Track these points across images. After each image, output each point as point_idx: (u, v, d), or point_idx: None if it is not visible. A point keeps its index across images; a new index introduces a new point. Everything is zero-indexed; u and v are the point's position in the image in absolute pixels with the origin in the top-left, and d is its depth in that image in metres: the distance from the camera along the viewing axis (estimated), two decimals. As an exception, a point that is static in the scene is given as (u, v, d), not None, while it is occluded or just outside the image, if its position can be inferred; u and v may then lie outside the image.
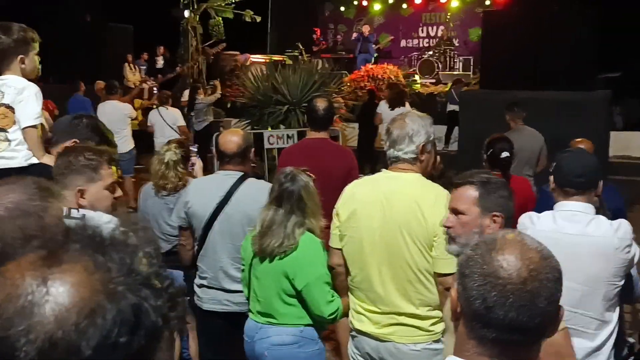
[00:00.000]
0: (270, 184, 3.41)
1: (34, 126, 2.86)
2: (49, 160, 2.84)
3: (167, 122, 10.36)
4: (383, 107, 11.47)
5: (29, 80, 2.98)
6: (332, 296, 3.14)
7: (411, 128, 2.90)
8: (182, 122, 10.56)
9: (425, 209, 2.80)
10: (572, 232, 2.84)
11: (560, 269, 1.39)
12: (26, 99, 2.86)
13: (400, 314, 2.91)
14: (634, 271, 2.97)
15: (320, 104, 4.59)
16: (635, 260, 2.91)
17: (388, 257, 2.88)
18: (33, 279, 0.74)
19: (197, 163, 4.98)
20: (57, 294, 0.73)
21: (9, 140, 2.87)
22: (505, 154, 4.63)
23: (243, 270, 3.40)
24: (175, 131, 10.19)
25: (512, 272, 1.33)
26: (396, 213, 2.85)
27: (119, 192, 2.54)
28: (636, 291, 3.01)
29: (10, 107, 2.86)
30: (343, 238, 3.02)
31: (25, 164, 2.87)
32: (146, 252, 0.82)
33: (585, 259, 2.79)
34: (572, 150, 3.31)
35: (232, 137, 3.74)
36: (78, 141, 2.86)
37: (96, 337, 0.73)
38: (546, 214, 2.97)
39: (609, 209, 4.02)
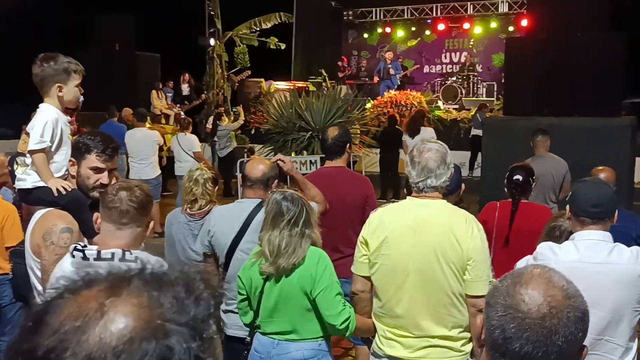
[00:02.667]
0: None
1: (38, 150, 2.95)
2: (52, 184, 2.94)
3: (183, 147, 10.50)
4: (406, 136, 11.60)
5: (68, 109, 3.11)
6: (344, 305, 3.17)
7: (442, 157, 2.99)
8: (198, 149, 10.64)
9: (459, 234, 2.89)
10: (597, 260, 2.87)
11: (585, 309, 1.41)
12: (36, 125, 2.99)
13: (433, 337, 2.97)
14: None
15: (331, 133, 4.66)
16: None
17: (422, 282, 2.94)
18: (95, 304, 0.85)
19: None
20: (107, 320, 0.83)
21: (26, 164, 3.02)
22: (516, 177, 4.68)
23: (244, 299, 3.42)
24: (191, 157, 10.32)
25: (532, 307, 1.36)
26: (430, 239, 2.92)
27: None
28: None
29: (27, 133, 2.99)
30: (373, 266, 3.06)
31: (30, 186, 3.00)
32: (200, 296, 0.90)
33: (610, 287, 2.83)
34: (588, 180, 3.34)
35: (259, 165, 3.91)
36: (73, 160, 3.01)
37: None
38: (567, 244, 3.00)
39: (631, 237, 4.01)
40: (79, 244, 2.56)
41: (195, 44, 17.32)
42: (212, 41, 17.25)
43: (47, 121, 2.98)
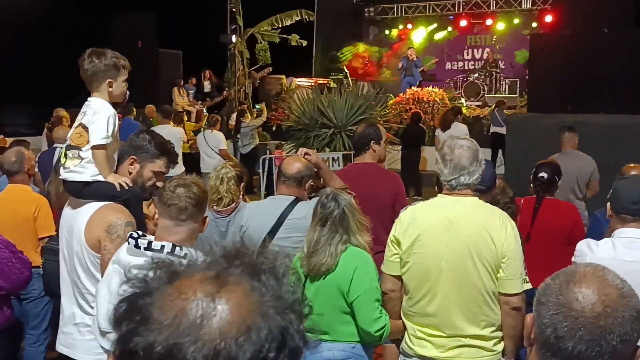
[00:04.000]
0: None
1: (101, 146, 2.98)
2: (113, 179, 2.99)
3: (210, 145, 10.55)
4: (438, 132, 11.57)
5: (115, 104, 3.15)
6: (380, 312, 3.15)
7: (474, 154, 2.97)
8: (224, 146, 10.68)
9: (493, 232, 2.88)
10: (631, 259, 2.85)
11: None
12: (97, 120, 3.00)
13: (465, 336, 2.95)
14: None
15: (359, 129, 4.71)
16: None
17: (456, 281, 2.92)
18: (204, 295, 0.86)
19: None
20: (222, 310, 0.85)
21: (81, 158, 3.03)
22: (541, 174, 4.65)
23: None
24: (217, 154, 10.36)
25: (586, 306, 1.34)
26: (464, 237, 2.90)
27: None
28: None
29: (85, 127, 3.02)
30: (405, 265, 3.04)
31: (90, 179, 3.00)
32: (291, 280, 0.94)
33: None
34: (628, 178, 3.31)
35: (295, 162, 3.92)
36: (136, 158, 3.07)
37: (251, 351, 0.84)
38: (605, 241, 3.00)
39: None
40: (137, 232, 2.62)
41: (217, 41, 17.40)
42: (233, 38, 17.32)
43: (109, 116, 3.02)
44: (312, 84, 16.83)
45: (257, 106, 15.59)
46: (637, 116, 9.08)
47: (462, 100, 17.46)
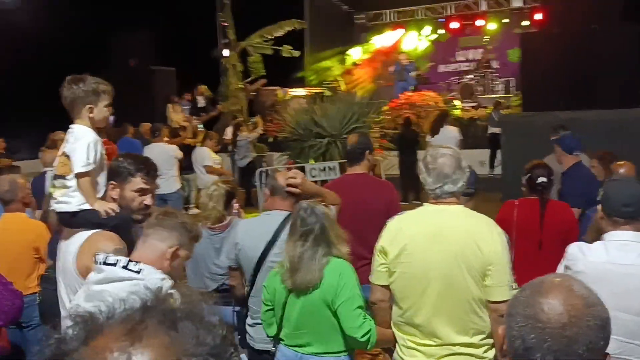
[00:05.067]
0: None
1: (84, 173, 2.96)
2: (99, 206, 2.97)
3: (196, 160, 10.55)
4: (428, 137, 11.58)
5: (99, 129, 3.14)
6: (364, 318, 3.17)
7: (457, 162, 2.96)
8: (208, 162, 10.54)
9: (479, 239, 2.86)
10: (625, 262, 2.81)
11: (606, 317, 1.40)
12: (78, 148, 2.99)
13: (455, 345, 2.93)
14: None
15: (350, 140, 4.70)
16: None
17: (444, 290, 2.90)
18: (120, 353, 0.85)
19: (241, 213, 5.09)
20: None
21: (67, 187, 3.02)
22: (541, 179, 4.63)
23: (269, 309, 3.43)
24: (201, 171, 10.34)
25: (552, 316, 1.35)
26: (451, 245, 2.88)
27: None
28: None
29: (67, 156, 3.01)
30: (392, 274, 3.03)
31: (76, 209, 2.99)
32: (211, 322, 0.92)
33: (639, 289, 2.75)
34: (619, 179, 3.28)
35: (286, 174, 3.93)
36: (114, 183, 3.04)
37: None
38: (597, 244, 2.95)
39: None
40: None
41: (210, 56, 17.44)
42: (225, 52, 17.35)
43: (89, 143, 3.00)
44: (306, 94, 16.85)
45: (252, 119, 15.59)
46: (631, 110, 9.10)
47: (457, 102, 17.47)
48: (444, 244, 2.89)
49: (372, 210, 4.42)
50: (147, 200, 3.04)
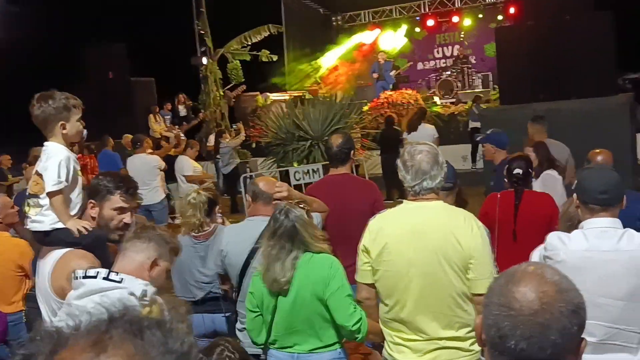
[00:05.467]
0: None
1: (56, 192, 2.95)
2: (72, 224, 2.95)
3: (176, 170, 10.53)
4: (405, 134, 11.64)
5: (73, 143, 3.12)
6: (355, 307, 3.21)
7: (434, 158, 2.99)
8: (188, 172, 10.46)
9: (459, 234, 2.89)
10: (606, 248, 2.83)
11: (579, 302, 1.41)
12: (50, 166, 2.97)
13: (441, 339, 2.96)
14: None
15: (335, 141, 4.66)
16: None
17: (427, 286, 2.93)
18: None
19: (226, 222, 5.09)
20: None
21: (40, 206, 3.00)
22: (517, 171, 4.68)
23: (257, 316, 3.42)
24: (182, 180, 10.32)
25: (524, 304, 1.38)
26: (431, 241, 2.91)
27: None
28: None
29: (40, 174, 3.00)
30: (376, 273, 3.06)
31: (49, 228, 2.98)
32: (180, 329, 0.93)
33: (620, 274, 2.79)
34: (593, 167, 3.31)
35: (269, 181, 3.99)
36: (93, 202, 3.01)
37: None
38: (576, 232, 2.96)
39: (637, 217, 4.00)
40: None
41: (189, 65, 17.42)
42: (204, 60, 17.34)
43: (61, 160, 2.98)
44: (287, 97, 16.88)
45: (234, 126, 15.60)
46: (608, 98, 9.22)
47: (436, 98, 17.58)
48: (424, 240, 2.92)
49: (357, 211, 4.44)
50: (126, 218, 3.00)
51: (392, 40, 21.01)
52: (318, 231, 3.40)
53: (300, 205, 3.42)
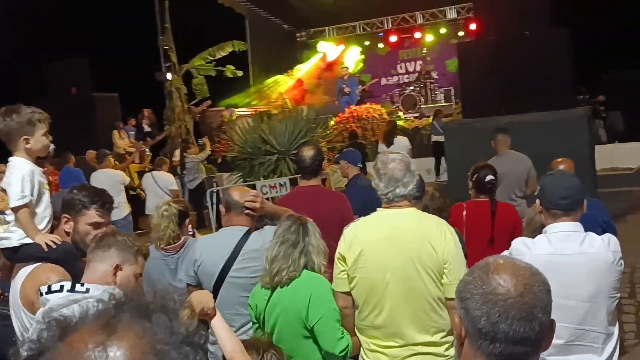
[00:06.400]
0: (271, 229, 3.58)
1: (20, 207, 2.92)
2: (40, 239, 2.92)
3: (160, 185, 10.49)
4: (381, 147, 11.78)
5: (40, 158, 3.10)
6: (342, 333, 3.20)
7: (406, 166, 3.08)
8: (175, 187, 10.67)
9: (433, 239, 2.97)
10: (569, 252, 2.93)
11: (548, 282, 1.54)
12: (13, 181, 2.95)
13: (417, 344, 3.01)
14: None
15: (307, 153, 4.69)
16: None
17: (402, 291, 2.99)
18: (95, 346, 0.88)
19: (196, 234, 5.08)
20: (115, 357, 0.88)
21: (7, 222, 2.99)
22: (489, 177, 4.79)
23: (257, 327, 3.43)
24: (168, 195, 10.31)
25: (510, 288, 1.48)
26: (406, 247, 2.98)
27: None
28: None
29: (4, 190, 2.97)
30: (352, 280, 3.10)
31: (17, 244, 2.96)
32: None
33: (585, 276, 2.89)
34: (554, 174, 3.42)
35: (243, 190, 3.99)
36: (68, 216, 2.99)
37: None
38: (540, 237, 3.06)
39: (597, 222, 4.15)
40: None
41: (153, 80, 17.32)
42: (169, 75, 17.26)
43: (24, 175, 2.95)
44: (252, 112, 16.90)
45: (200, 141, 15.54)
46: (567, 111, 9.47)
47: (400, 113, 17.80)
48: (399, 246, 2.99)
49: (328, 222, 4.48)
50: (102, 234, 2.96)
51: (356, 56, 21.28)
52: (323, 248, 3.38)
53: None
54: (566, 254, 2.92)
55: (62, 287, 2.41)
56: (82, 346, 0.88)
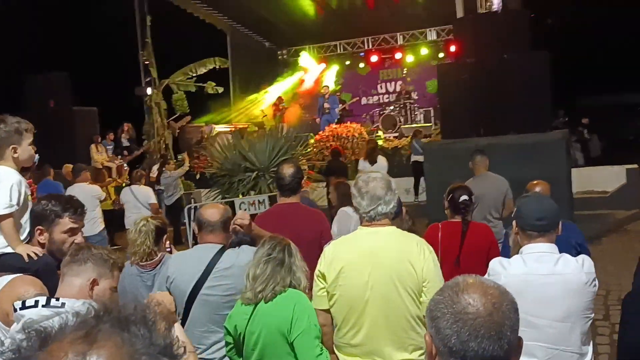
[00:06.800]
0: (250, 249, 3.56)
1: (6, 216, 2.90)
2: (22, 249, 2.90)
3: (140, 200, 10.41)
4: (363, 165, 11.83)
5: (25, 168, 3.07)
6: (321, 350, 3.20)
7: (387, 184, 3.12)
8: (154, 200, 10.62)
9: (412, 258, 2.99)
10: (543, 272, 2.97)
11: (515, 301, 1.56)
12: (2, 190, 2.93)
13: None
14: None
15: (286, 171, 4.69)
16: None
17: (381, 309, 3.00)
18: (76, 355, 0.89)
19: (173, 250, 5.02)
20: None
21: None
22: (463, 198, 4.83)
23: (231, 348, 3.40)
24: (147, 209, 10.23)
25: (479, 307, 1.49)
26: (386, 265, 3.00)
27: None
28: None
29: None
30: (332, 297, 3.11)
31: None
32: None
33: (558, 296, 2.93)
34: (530, 195, 3.47)
35: (214, 208, 3.92)
36: (41, 228, 2.96)
37: None
38: (516, 258, 3.11)
39: (571, 245, 4.19)
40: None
41: (133, 94, 17.26)
42: (148, 90, 17.22)
43: (13, 184, 2.94)
44: (232, 129, 16.89)
45: (179, 156, 15.47)
46: (545, 134, 9.59)
47: (380, 132, 17.90)
48: (380, 264, 3.00)
49: (306, 240, 4.48)
50: (78, 239, 2.97)
51: (337, 75, 21.47)
52: (303, 267, 3.38)
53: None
54: (540, 274, 2.96)
55: (37, 302, 2.39)
56: (62, 355, 0.89)
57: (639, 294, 3.04)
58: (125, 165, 15.33)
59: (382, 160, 12.24)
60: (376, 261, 3.01)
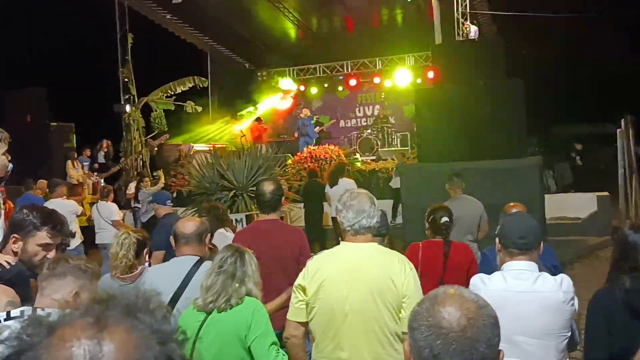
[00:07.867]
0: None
1: None
2: None
3: (102, 216, 10.32)
4: (327, 188, 11.84)
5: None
6: (277, 352, 3.24)
7: (371, 200, 3.21)
8: (117, 217, 10.37)
9: (393, 274, 3.05)
10: (521, 289, 3.03)
11: (495, 315, 1.56)
12: None
13: None
14: (572, 320, 3.18)
15: (267, 188, 4.74)
16: (576, 310, 3.12)
17: (361, 324, 3.04)
18: (88, 339, 0.92)
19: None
20: (109, 350, 0.92)
21: None
22: (444, 219, 4.91)
23: None
24: (110, 224, 10.15)
25: (453, 322, 1.49)
26: (367, 280, 3.05)
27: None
28: (575, 338, 3.22)
29: None
30: (311, 310, 3.15)
31: None
32: (164, 314, 1.03)
33: (535, 313, 2.99)
34: (514, 214, 3.53)
35: (189, 221, 3.99)
36: (17, 236, 2.94)
37: None
38: (496, 274, 3.17)
39: (547, 267, 4.28)
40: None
41: (111, 111, 17.20)
42: (127, 107, 17.18)
43: None
44: (210, 148, 16.89)
45: (154, 173, 15.41)
46: (519, 160, 9.75)
47: (358, 155, 18.04)
48: (361, 278, 3.05)
49: (285, 256, 4.53)
50: (51, 255, 2.93)
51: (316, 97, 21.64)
52: (259, 279, 3.43)
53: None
54: (517, 291, 3.02)
55: (22, 312, 2.38)
56: (74, 340, 0.91)
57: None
58: (102, 181, 15.22)
59: (346, 183, 11.72)
60: (357, 276, 3.06)
